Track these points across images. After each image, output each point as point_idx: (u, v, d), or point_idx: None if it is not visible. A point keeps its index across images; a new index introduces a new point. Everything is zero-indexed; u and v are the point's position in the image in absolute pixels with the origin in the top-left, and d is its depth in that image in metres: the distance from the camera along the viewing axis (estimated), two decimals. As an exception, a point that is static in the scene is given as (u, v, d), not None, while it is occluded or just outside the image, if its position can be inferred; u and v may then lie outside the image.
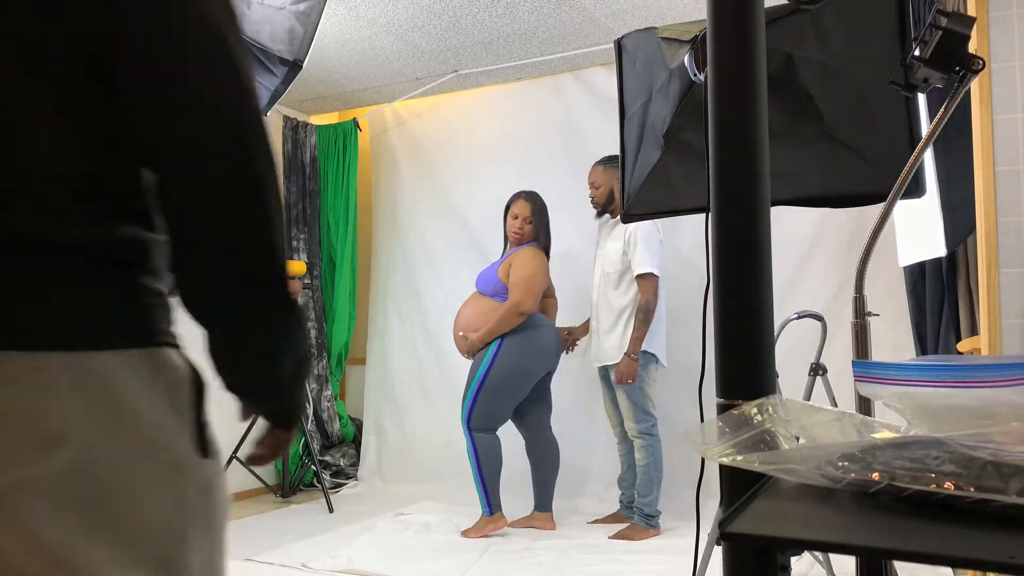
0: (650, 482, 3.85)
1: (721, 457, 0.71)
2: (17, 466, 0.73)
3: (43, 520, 0.74)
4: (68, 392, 0.75)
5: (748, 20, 0.87)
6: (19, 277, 0.75)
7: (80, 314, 0.78)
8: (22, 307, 0.75)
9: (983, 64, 1.30)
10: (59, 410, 0.75)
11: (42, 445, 0.74)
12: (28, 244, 0.75)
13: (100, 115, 0.78)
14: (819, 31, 1.63)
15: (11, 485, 0.73)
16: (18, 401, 0.74)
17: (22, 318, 0.75)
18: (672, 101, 1.75)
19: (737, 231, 0.86)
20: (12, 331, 0.74)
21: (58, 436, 0.74)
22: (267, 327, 0.90)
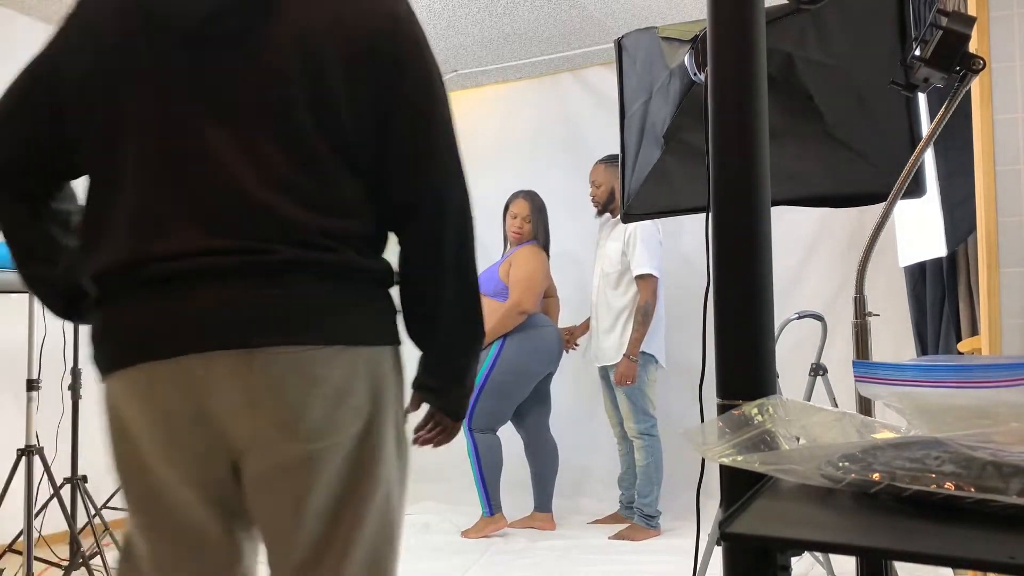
0: (650, 482, 3.85)
1: (721, 457, 0.71)
2: (337, 431, 1.10)
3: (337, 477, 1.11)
4: (364, 377, 1.12)
5: (748, 20, 0.87)
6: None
7: (374, 321, 1.16)
8: (350, 315, 1.12)
9: (983, 64, 1.30)
10: (360, 391, 1.11)
11: (352, 414, 1.11)
12: (354, 271, 1.13)
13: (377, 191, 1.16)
14: (819, 31, 1.63)
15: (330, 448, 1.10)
16: (342, 379, 1.09)
17: (352, 321, 1.12)
18: (672, 101, 1.75)
19: (737, 231, 0.86)
20: (343, 330, 1.10)
21: (360, 407, 1.12)
22: (472, 349, 1.26)
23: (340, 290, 1.11)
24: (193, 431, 1.07)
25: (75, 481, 3.27)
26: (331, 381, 1.08)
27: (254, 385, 1.05)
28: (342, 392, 1.09)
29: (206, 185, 1.07)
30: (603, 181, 3.98)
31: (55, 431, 3.87)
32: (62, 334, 3.91)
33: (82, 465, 4.10)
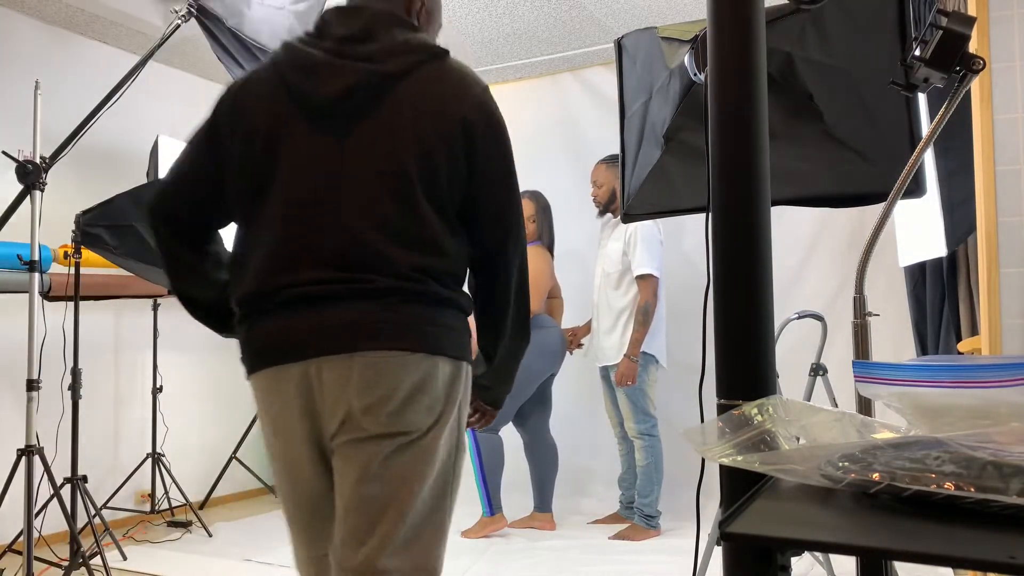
0: (650, 483, 3.85)
1: (721, 457, 0.71)
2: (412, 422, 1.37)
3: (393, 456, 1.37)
4: (439, 381, 1.40)
5: (748, 20, 0.87)
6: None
7: (455, 338, 1.44)
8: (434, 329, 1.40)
9: (983, 64, 1.30)
10: (434, 392, 1.39)
11: (426, 411, 1.38)
12: (441, 299, 1.42)
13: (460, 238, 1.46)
14: (819, 31, 1.63)
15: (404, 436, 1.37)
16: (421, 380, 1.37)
17: (435, 335, 1.39)
18: (672, 101, 1.75)
19: (737, 231, 0.86)
20: (427, 341, 1.38)
21: (433, 406, 1.39)
22: (514, 363, 1.62)
23: (425, 312, 1.40)
24: (303, 418, 1.40)
25: (75, 481, 3.27)
26: (412, 380, 1.36)
27: (352, 380, 1.35)
28: (420, 390, 1.37)
29: (329, 233, 1.38)
30: (604, 181, 3.98)
31: (55, 431, 3.87)
32: (62, 334, 3.90)
33: (82, 465, 4.10)
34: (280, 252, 1.39)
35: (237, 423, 4.95)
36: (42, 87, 3.99)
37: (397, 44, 1.43)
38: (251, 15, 2.83)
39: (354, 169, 1.38)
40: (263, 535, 4.03)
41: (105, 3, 3.77)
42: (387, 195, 1.38)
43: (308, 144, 1.40)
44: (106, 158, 4.31)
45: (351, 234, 1.37)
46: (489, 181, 1.46)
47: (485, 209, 1.47)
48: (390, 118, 1.39)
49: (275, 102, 1.42)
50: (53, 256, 3.53)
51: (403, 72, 1.41)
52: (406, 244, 1.38)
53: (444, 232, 1.42)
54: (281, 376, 1.39)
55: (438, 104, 1.41)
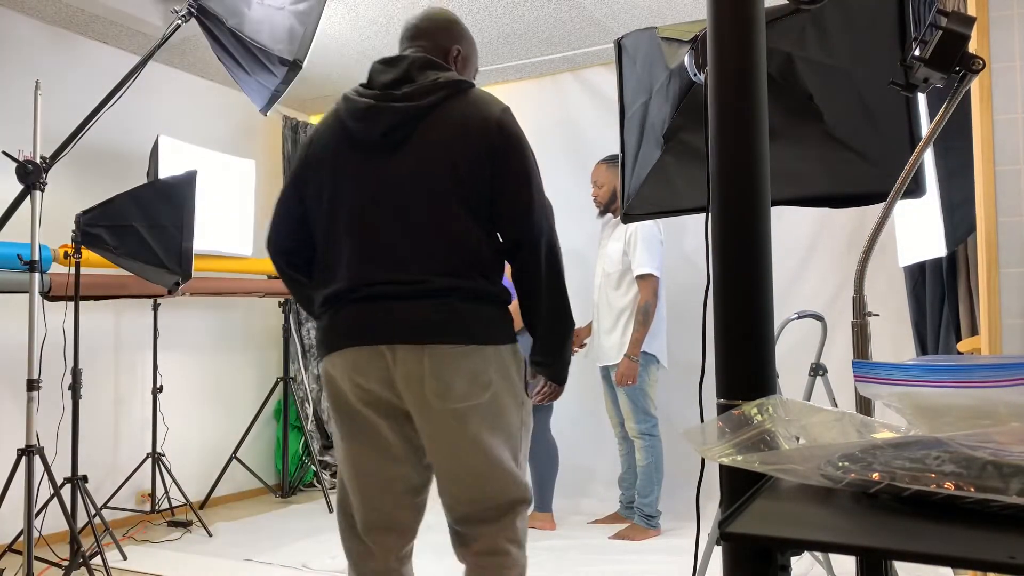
0: (651, 482, 3.85)
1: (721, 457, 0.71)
2: (473, 397, 1.71)
3: (476, 425, 1.72)
4: (490, 364, 1.73)
5: (748, 20, 0.87)
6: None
7: (500, 326, 1.78)
8: (481, 324, 1.74)
9: (983, 64, 1.30)
10: (487, 372, 1.72)
11: (482, 388, 1.72)
12: (483, 295, 1.74)
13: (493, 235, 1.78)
14: (819, 31, 1.63)
15: (470, 407, 1.70)
16: (476, 366, 1.71)
17: (485, 329, 1.74)
18: (672, 101, 1.75)
19: (737, 231, 0.86)
20: (478, 335, 1.72)
21: (488, 384, 1.72)
22: (564, 336, 1.85)
23: (475, 309, 1.73)
24: (382, 388, 1.74)
25: (75, 481, 3.27)
26: (469, 366, 1.71)
27: (422, 367, 1.70)
28: (476, 373, 1.72)
29: (390, 241, 1.73)
30: (605, 181, 3.98)
31: (55, 431, 3.87)
32: (62, 334, 3.90)
33: (82, 465, 4.10)
34: (356, 260, 1.75)
35: (237, 423, 4.95)
36: (42, 87, 3.99)
37: (428, 84, 1.76)
38: (251, 15, 2.83)
39: (401, 186, 1.73)
40: (263, 535, 4.03)
41: (105, 3, 3.77)
42: (430, 208, 1.72)
43: (365, 172, 1.76)
44: (106, 158, 4.31)
45: (407, 240, 1.72)
46: (512, 186, 1.75)
47: (512, 209, 1.76)
48: (426, 144, 1.73)
49: (338, 143, 1.80)
50: (53, 256, 3.53)
51: (433, 105, 1.75)
52: (451, 246, 1.72)
53: (480, 234, 1.75)
54: (358, 356, 1.74)
55: (464, 128, 1.73)
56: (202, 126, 4.84)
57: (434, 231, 1.71)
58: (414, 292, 1.70)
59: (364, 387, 1.74)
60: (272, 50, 2.82)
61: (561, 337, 1.84)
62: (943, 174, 2.58)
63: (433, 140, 1.72)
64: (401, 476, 1.81)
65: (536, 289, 1.79)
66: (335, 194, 1.79)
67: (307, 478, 5.20)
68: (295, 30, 2.83)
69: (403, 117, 1.73)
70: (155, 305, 4.36)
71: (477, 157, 1.72)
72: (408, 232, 1.72)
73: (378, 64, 1.83)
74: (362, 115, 1.77)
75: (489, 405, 1.74)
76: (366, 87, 1.82)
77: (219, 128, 4.96)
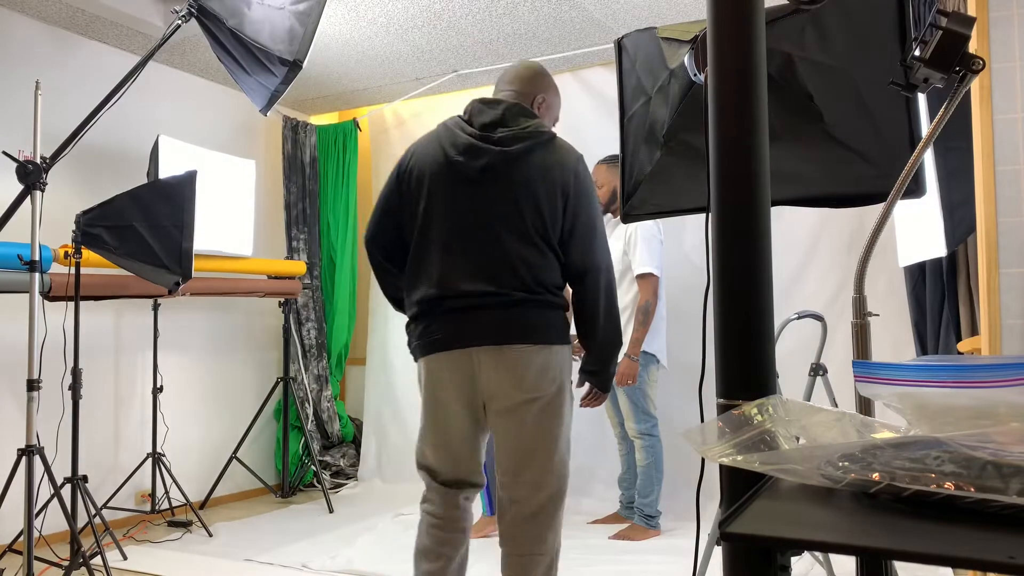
0: (651, 482, 3.85)
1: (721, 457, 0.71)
2: (544, 390, 2.09)
3: (536, 414, 2.10)
4: (555, 362, 2.10)
5: (748, 20, 0.87)
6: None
7: (559, 331, 2.13)
8: (551, 328, 2.11)
9: (983, 64, 1.30)
10: (553, 368, 2.10)
11: (549, 381, 2.10)
12: (548, 305, 2.11)
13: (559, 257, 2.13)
14: (819, 31, 1.63)
15: (536, 398, 2.09)
16: (542, 363, 2.08)
17: (551, 331, 2.11)
18: (672, 101, 1.75)
19: (737, 231, 0.86)
20: (548, 336, 2.10)
21: (553, 380, 2.11)
22: (612, 351, 2.23)
23: (543, 316, 2.10)
24: (467, 385, 2.12)
25: (75, 481, 3.27)
26: (538, 363, 2.09)
27: (500, 364, 2.08)
28: (544, 369, 2.09)
29: (479, 257, 2.10)
30: (604, 181, 3.98)
31: (55, 431, 3.87)
32: (62, 334, 3.90)
33: (82, 465, 4.10)
34: (446, 269, 2.11)
35: (237, 423, 4.95)
36: (42, 87, 3.99)
37: (520, 131, 2.14)
38: (251, 15, 2.83)
39: (491, 215, 2.10)
40: (263, 535, 4.03)
41: (105, 3, 3.77)
42: (511, 233, 2.09)
43: (461, 197, 2.12)
44: (106, 158, 4.31)
45: (491, 259, 2.08)
46: (579, 225, 2.14)
47: (577, 244, 2.14)
48: (514, 183, 2.10)
49: (438, 166, 2.15)
50: (53, 256, 3.53)
51: (524, 152, 2.13)
52: (527, 267, 2.09)
53: (551, 259, 2.12)
54: (454, 357, 2.11)
55: (546, 172, 2.12)
56: (202, 126, 4.84)
57: (517, 255, 2.08)
58: (496, 303, 2.07)
59: (453, 385, 2.13)
60: (272, 50, 2.82)
61: (609, 354, 2.23)
62: (943, 174, 2.58)
63: (521, 180, 2.10)
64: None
65: (593, 315, 2.17)
66: (430, 210, 2.14)
67: (307, 478, 5.20)
68: (295, 30, 2.83)
69: (498, 160, 2.11)
70: (155, 305, 4.36)
71: (555, 198, 2.11)
72: (496, 253, 2.08)
73: (478, 104, 2.21)
74: (464, 150, 2.14)
75: (554, 398, 2.12)
76: (467, 123, 2.19)
77: (219, 128, 4.96)
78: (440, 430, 2.19)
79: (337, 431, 5.35)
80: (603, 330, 2.17)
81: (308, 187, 5.39)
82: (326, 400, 5.31)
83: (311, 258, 5.37)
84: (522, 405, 2.08)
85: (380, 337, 5.37)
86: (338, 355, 5.42)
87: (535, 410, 2.08)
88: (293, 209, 5.31)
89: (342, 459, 5.33)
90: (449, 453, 2.19)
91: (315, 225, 5.42)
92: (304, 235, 5.34)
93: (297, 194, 5.33)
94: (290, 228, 5.30)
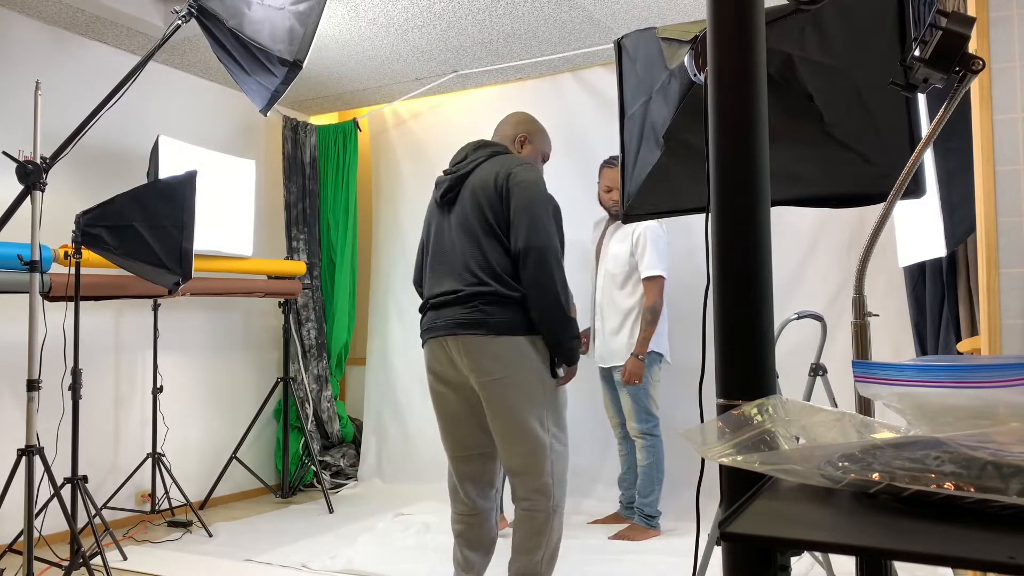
0: (651, 482, 3.85)
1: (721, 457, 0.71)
2: (500, 372, 2.44)
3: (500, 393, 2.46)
4: (507, 349, 2.44)
5: (748, 20, 0.87)
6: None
7: (516, 322, 2.46)
8: (501, 320, 2.45)
9: (983, 64, 1.30)
10: (505, 355, 2.44)
11: (503, 366, 2.44)
12: (501, 297, 2.46)
13: (507, 248, 2.49)
14: (819, 31, 1.63)
15: (496, 379, 2.45)
16: (496, 351, 2.44)
17: (501, 323, 2.45)
18: (672, 101, 1.75)
19: (737, 231, 0.86)
20: (498, 327, 2.44)
21: (506, 363, 2.45)
22: (560, 325, 2.45)
23: (496, 308, 2.44)
24: (452, 370, 2.54)
25: (75, 481, 3.27)
26: (491, 350, 2.43)
27: (463, 350, 2.47)
28: (497, 356, 2.43)
29: (444, 264, 2.55)
30: (616, 185, 3.97)
31: (55, 431, 3.87)
32: (62, 334, 3.90)
33: (82, 465, 4.10)
34: (430, 278, 2.60)
35: (237, 423, 4.95)
36: (42, 87, 3.99)
37: (472, 158, 2.61)
38: (251, 15, 2.83)
39: (452, 227, 2.56)
40: (263, 535, 4.03)
41: (105, 3, 3.77)
42: (469, 242, 2.50)
43: (438, 222, 2.63)
44: (106, 158, 4.31)
45: (452, 264, 2.52)
46: (514, 213, 2.46)
47: (514, 230, 2.46)
48: (463, 195, 2.55)
49: (431, 208, 2.71)
50: (53, 256, 3.53)
51: (471, 170, 2.57)
52: (476, 263, 2.47)
53: (503, 257, 2.47)
54: (433, 345, 2.56)
55: (487, 179, 2.51)
56: (202, 126, 4.84)
57: (475, 259, 2.47)
58: (456, 300, 2.48)
59: (440, 368, 2.56)
60: (272, 50, 2.82)
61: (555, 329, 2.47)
62: (943, 174, 2.58)
63: (468, 190, 2.53)
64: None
65: (529, 290, 2.45)
66: (426, 239, 2.70)
67: (307, 478, 5.20)
68: (295, 30, 2.83)
69: (454, 181, 2.58)
70: (155, 305, 4.36)
71: (495, 200, 2.49)
72: (460, 261, 2.50)
73: (458, 152, 2.71)
74: (438, 185, 2.66)
75: (510, 379, 2.44)
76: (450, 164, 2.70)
77: (219, 128, 4.96)
78: (442, 416, 2.62)
79: (337, 431, 5.35)
80: (540, 312, 2.43)
81: (308, 187, 5.39)
82: (326, 400, 5.31)
83: (311, 258, 5.37)
84: (489, 384, 2.45)
85: (380, 337, 5.37)
86: (338, 355, 5.42)
87: (499, 388, 2.44)
88: (293, 209, 5.31)
89: (342, 459, 5.33)
90: (454, 439, 2.60)
91: (315, 225, 5.42)
92: (304, 235, 5.34)
93: (297, 194, 5.33)
94: (290, 228, 5.30)
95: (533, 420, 2.45)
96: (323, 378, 5.32)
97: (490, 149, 2.60)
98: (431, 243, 2.63)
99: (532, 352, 2.46)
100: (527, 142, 2.74)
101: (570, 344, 2.48)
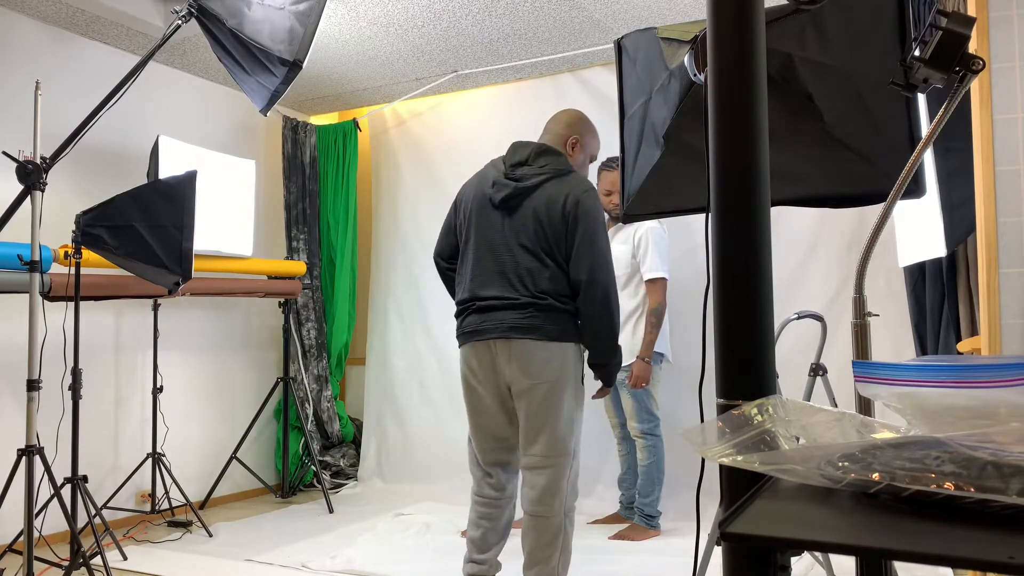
0: (652, 482, 3.85)
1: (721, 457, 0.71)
2: (546, 377, 2.57)
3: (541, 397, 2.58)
4: (556, 355, 2.59)
5: (748, 20, 0.87)
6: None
7: (567, 329, 2.61)
8: (555, 328, 2.58)
9: (983, 64, 1.30)
10: (554, 361, 2.58)
11: (551, 371, 2.58)
12: (554, 308, 2.59)
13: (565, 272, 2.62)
14: (819, 31, 1.63)
15: (539, 383, 2.58)
16: (545, 356, 2.58)
17: (554, 330, 2.58)
18: (672, 101, 1.75)
19: (737, 231, 0.86)
20: (551, 334, 2.58)
21: (553, 369, 2.58)
22: (610, 349, 2.63)
23: (545, 317, 2.57)
24: (491, 372, 2.64)
25: (75, 481, 3.27)
26: (542, 355, 2.56)
27: (512, 354, 2.57)
28: (546, 360, 2.56)
29: (496, 268, 2.63)
30: (615, 189, 3.97)
31: (55, 431, 3.87)
32: (62, 334, 3.90)
33: (82, 465, 4.10)
34: (475, 276, 2.66)
35: (237, 423, 4.95)
36: (42, 87, 3.99)
37: (539, 169, 2.66)
38: (251, 15, 2.83)
39: (507, 235, 2.63)
40: (263, 535, 4.03)
41: (105, 3, 3.77)
42: (529, 258, 2.60)
43: (488, 220, 2.67)
44: (106, 158, 4.31)
45: (505, 270, 2.61)
46: (577, 246, 2.58)
47: (577, 261, 2.58)
48: (526, 210, 2.62)
49: (477, 196, 2.72)
50: (53, 256, 3.53)
51: (537, 185, 2.63)
52: (531, 277, 2.59)
53: (554, 270, 2.59)
54: (477, 346, 2.64)
55: (553, 201, 2.60)
56: (202, 126, 4.84)
57: (528, 268, 2.59)
58: (508, 305, 2.59)
59: (480, 372, 2.65)
60: (272, 50, 2.81)
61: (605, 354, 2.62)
62: (943, 174, 2.58)
63: (530, 207, 2.61)
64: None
65: (588, 320, 2.59)
66: (468, 230, 2.71)
67: (307, 478, 5.19)
68: (295, 30, 2.83)
69: (515, 193, 2.63)
70: (155, 305, 4.36)
71: (559, 222, 2.58)
72: (513, 263, 2.60)
73: (514, 145, 2.74)
74: (492, 183, 2.69)
75: (554, 384, 2.56)
76: (502, 161, 2.74)
77: (219, 128, 4.96)
78: (475, 413, 2.71)
79: (337, 431, 5.35)
80: (595, 339, 2.60)
81: (308, 187, 5.39)
82: (326, 400, 5.31)
83: (311, 258, 5.37)
84: (530, 389, 2.56)
85: (380, 337, 5.37)
86: (338, 355, 5.42)
87: (541, 393, 2.55)
88: (293, 209, 5.31)
89: (342, 459, 5.33)
90: (484, 433, 2.70)
91: (315, 225, 5.42)
92: (304, 235, 5.33)
93: (297, 194, 5.33)
94: (290, 228, 5.30)
95: (564, 425, 2.58)
96: (323, 378, 5.32)
97: (552, 163, 2.65)
98: (475, 236, 2.67)
99: (576, 360, 2.61)
100: (578, 145, 2.78)
101: (614, 369, 2.65)
